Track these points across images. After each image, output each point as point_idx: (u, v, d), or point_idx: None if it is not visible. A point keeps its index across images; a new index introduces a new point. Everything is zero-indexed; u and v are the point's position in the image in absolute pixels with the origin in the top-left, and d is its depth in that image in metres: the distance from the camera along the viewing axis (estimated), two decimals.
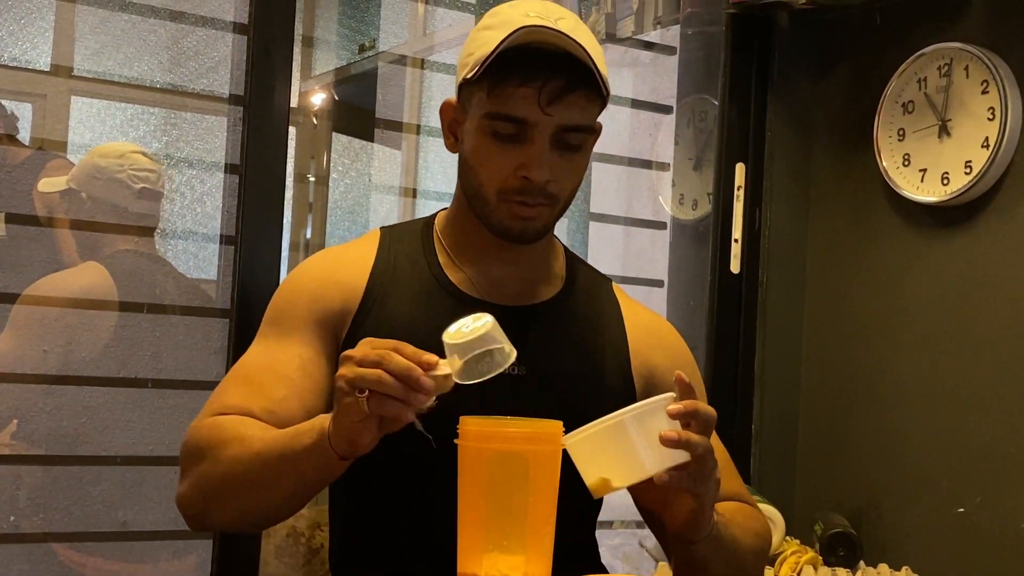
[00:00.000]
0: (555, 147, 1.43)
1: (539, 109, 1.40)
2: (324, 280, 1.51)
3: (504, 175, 1.44)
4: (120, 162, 2.38)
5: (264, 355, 1.48)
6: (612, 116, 3.12)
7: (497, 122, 1.42)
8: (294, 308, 1.50)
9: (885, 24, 2.39)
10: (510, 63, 1.40)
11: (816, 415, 2.51)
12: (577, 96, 1.41)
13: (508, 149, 1.43)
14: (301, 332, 1.48)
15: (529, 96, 1.40)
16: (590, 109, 1.45)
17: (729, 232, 2.53)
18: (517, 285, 1.53)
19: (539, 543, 1.19)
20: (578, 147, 1.45)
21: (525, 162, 1.42)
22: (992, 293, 2.18)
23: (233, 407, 1.43)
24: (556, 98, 1.40)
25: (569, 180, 1.47)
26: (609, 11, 2.91)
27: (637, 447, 1.21)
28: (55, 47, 2.44)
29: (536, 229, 1.47)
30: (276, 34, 2.22)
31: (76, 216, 2.36)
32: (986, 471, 2.16)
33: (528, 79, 1.40)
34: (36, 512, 2.20)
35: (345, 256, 1.56)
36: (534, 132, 1.42)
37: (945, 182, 2.22)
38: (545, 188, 1.43)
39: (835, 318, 2.49)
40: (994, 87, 2.14)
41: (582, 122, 1.44)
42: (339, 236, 4.13)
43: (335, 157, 4.09)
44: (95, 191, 2.36)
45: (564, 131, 1.43)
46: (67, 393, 2.23)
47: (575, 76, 1.40)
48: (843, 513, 2.35)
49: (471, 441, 1.18)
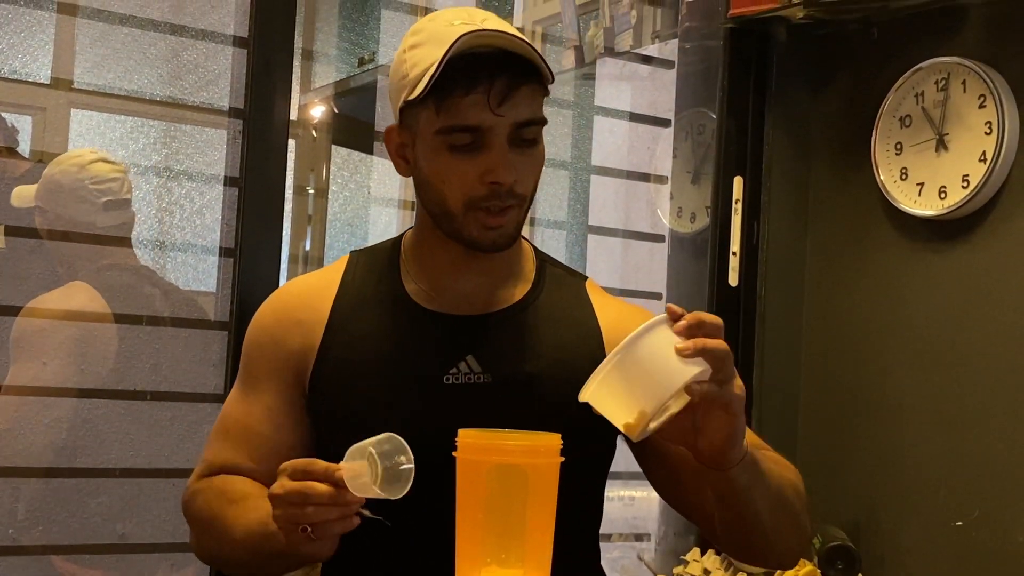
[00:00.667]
0: (513, 146, 1.42)
1: (490, 112, 1.39)
2: (284, 320, 1.54)
3: (469, 186, 1.42)
4: (79, 176, 2.31)
5: (239, 407, 1.54)
6: (611, 129, 3.14)
7: (452, 135, 1.41)
8: (259, 354, 1.54)
9: (882, 38, 2.39)
10: (451, 74, 1.39)
11: (814, 428, 2.51)
12: (524, 91, 1.41)
13: (468, 159, 1.42)
14: (267, 380, 1.52)
15: (478, 102, 1.39)
16: (537, 101, 1.44)
17: (727, 245, 2.53)
18: (483, 294, 1.52)
19: (537, 557, 1.18)
20: (534, 141, 1.45)
21: (489, 167, 1.41)
22: (990, 306, 2.18)
23: (221, 465, 1.51)
24: (505, 97, 1.39)
25: (532, 176, 1.46)
26: (608, 25, 2.92)
27: (654, 370, 1.19)
28: (55, 60, 2.45)
29: (509, 235, 1.46)
30: (276, 47, 2.23)
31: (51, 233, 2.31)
32: (984, 484, 2.16)
33: (473, 86, 1.39)
34: (35, 525, 2.20)
35: (306, 289, 1.57)
36: (491, 136, 1.41)
37: (942, 196, 2.23)
38: (512, 189, 1.43)
39: (833, 331, 2.49)
40: (991, 101, 2.14)
41: (533, 116, 1.43)
42: (338, 248, 4.13)
43: (334, 170, 4.10)
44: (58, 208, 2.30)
45: (518, 128, 1.42)
46: (69, 406, 2.23)
47: (517, 72, 1.40)
48: (842, 526, 2.35)
49: (469, 454, 1.18)
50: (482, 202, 1.43)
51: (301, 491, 1.22)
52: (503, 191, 1.42)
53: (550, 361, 1.49)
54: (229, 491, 1.46)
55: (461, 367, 1.46)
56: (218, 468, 1.51)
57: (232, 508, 1.42)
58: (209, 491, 1.48)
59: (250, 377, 1.54)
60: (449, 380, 1.45)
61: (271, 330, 1.54)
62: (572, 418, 1.29)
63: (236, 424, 1.52)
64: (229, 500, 1.44)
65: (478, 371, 1.46)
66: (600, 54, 2.97)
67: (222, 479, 1.49)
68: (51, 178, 2.31)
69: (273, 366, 1.52)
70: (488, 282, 1.53)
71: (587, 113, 3.22)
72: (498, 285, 1.53)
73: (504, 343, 1.49)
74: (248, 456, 1.50)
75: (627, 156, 3.07)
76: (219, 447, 1.53)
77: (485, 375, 1.45)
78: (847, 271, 2.45)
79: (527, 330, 1.51)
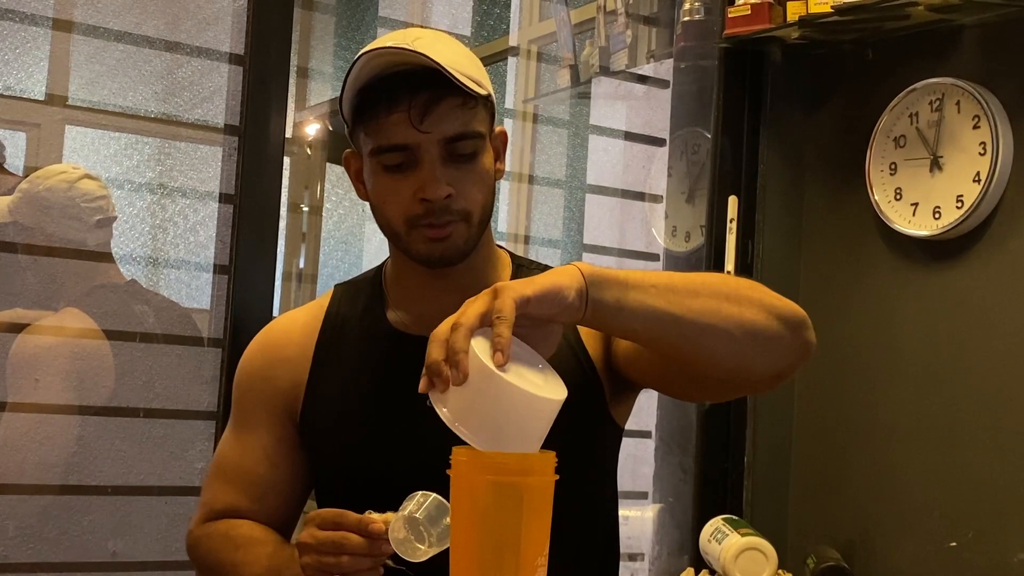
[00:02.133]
0: (448, 161, 1.41)
1: (414, 129, 1.38)
2: (270, 358, 1.55)
3: (405, 204, 1.42)
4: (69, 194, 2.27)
5: (234, 449, 1.55)
6: (606, 148, 3.14)
7: (383, 156, 1.42)
8: (250, 394, 1.56)
9: (877, 59, 2.40)
10: (373, 94, 1.39)
11: (809, 448, 2.51)
12: (447, 105, 1.39)
13: (401, 179, 1.42)
14: (260, 419, 1.53)
15: (401, 120, 1.39)
16: (468, 114, 1.41)
17: (722, 264, 2.53)
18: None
19: (531, 575, 1.18)
20: (471, 155, 1.42)
21: (421, 185, 1.40)
22: (984, 326, 2.18)
23: (221, 509, 1.52)
24: (426, 113, 1.38)
25: (474, 190, 1.43)
26: (603, 44, 2.92)
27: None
28: (50, 76, 2.45)
29: (457, 247, 1.44)
30: (272, 65, 2.23)
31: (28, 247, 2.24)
32: (979, 505, 2.16)
33: (394, 104, 1.39)
34: (26, 542, 2.18)
35: (290, 327, 1.57)
36: (419, 153, 1.40)
37: (937, 216, 2.23)
38: (449, 205, 1.41)
39: (827, 350, 2.48)
40: (985, 122, 2.15)
41: (462, 129, 1.41)
42: (332, 266, 4.13)
43: (329, 187, 4.10)
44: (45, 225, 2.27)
45: (449, 143, 1.40)
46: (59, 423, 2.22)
47: (439, 87, 1.38)
48: (836, 546, 2.35)
49: (463, 472, 1.17)
50: (420, 220, 1.42)
51: (337, 542, 1.25)
52: (437, 207, 1.41)
53: None
54: (234, 536, 1.47)
55: None
56: (219, 512, 1.52)
57: (238, 554, 1.44)
58: (213, 537, 1.49)
59: (242, 417, 1.55)
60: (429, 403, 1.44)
61: (260, 369, 1.55)
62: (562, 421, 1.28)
63: (232, 466, 1.53)
64: (235, 546, 1.45)
65: None
66: (595, 73, 2.98)
67: (226, 523, 1.50)
68: (35, 194, 2.26)
69: (265, 405, 1.53)
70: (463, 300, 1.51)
71: (582, 132, 3.23)
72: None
73: None
74: (247, 497, 1.51)
75: (622, 175, 3.07)
76: (217, 490, 1.53)
77: None
78: (841, 291, 2.45)
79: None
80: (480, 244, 1.49)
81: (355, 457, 1.46)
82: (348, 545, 1.25)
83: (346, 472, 1.47)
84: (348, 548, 1.25)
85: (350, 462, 1.47)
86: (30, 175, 2.31)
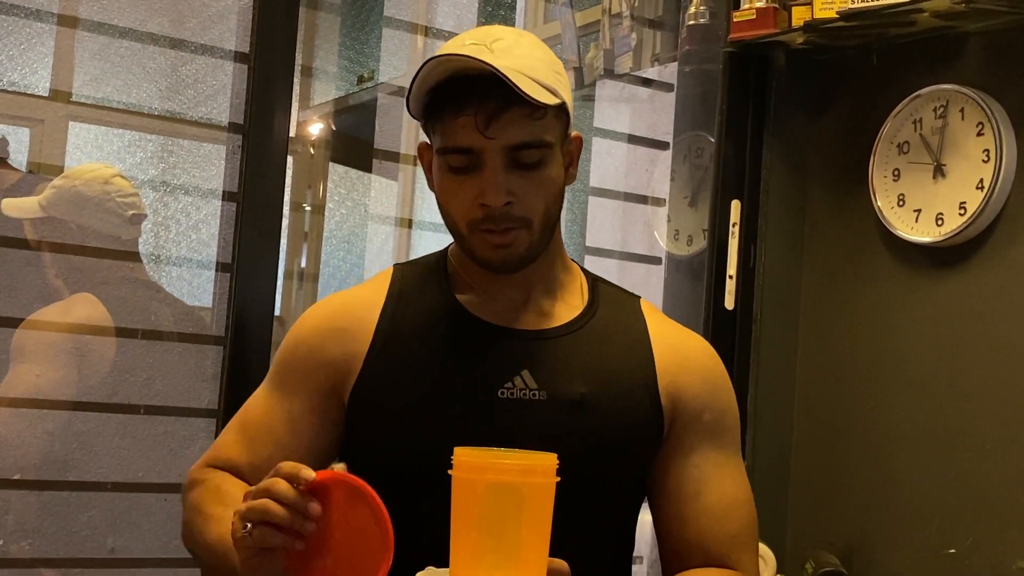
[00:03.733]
0: (512, 168, 1.41)
1: (479, 134, 1.38)
2: (324, 329, 1.52)
3: (467, 207, 1.43)
4: (106, 189, 2.33)
5: (262, 406, 1.52)
6: (609, 151, 3.14)
7: (449, 156, 1.42)
8: (293, 359, 1.52)
9: (882, 65, 2.40)
10: (444, 96, 1.40)
11: (808, 453, 2.51)
12: (514, 114, 1.38)
13: (466, 181, 1.42)
14: (295, 386, 1.50)
15: (468, 124, 1.39)
16: (535, 124, 1.41)
17: (724, 268, 2.53)
18: (533, 310, 1.51)
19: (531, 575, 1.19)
20: (536, 164, 1.42)
21: (482, 190, 1.41)
22: (985, 334, 2.18)
23: (223, 460, 1.50)
24: (492, 120, 1.38)
25: (535, 198, 1.43)
26: (607, 47, 2.93)
27: None
28: (54, 72, 2.45)
29: (519, 255, 1.45)
30: (277, 63, 2.24)
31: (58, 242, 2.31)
32: (978, 512, 2.15)
33: (462, 108, 1.39)
34: (24, 537, 2.19)
35: (351, 300, 1.55)
36: (484, 158, 1.40)
37: (939, 223, 2.23)
38: (509, 212, 1.41)
39: (828, 356, 2.49)
40: (989, 129, 2.15)
41: (528, 138, 1.40)
42: (334, 266, 4.13)
43: (332, 187, 4.10)
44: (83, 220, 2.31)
45: (514, 150, 1.40)
46: (59, 418, 2.22)
47: (508, 94, 1.37)
48: (834, 552, 2.34)
49: (464, 472, 1.17)
50: (480, 224, 1.43)
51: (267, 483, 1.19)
52: (496, 214, 1.41)
53: (602, 383, 1.47)
54: (222, 491, 1.44)
55: (516, 382, 1.44)
56: (223, 461, 1.50)
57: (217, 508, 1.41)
58: (207, 484, 1.47)
59: (279, 379, 1.53)
60: (504, 394, 1.43)
61: (308, 338, 1.52)
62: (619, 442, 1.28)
63: (254, 421, 1.51)
64: (218, 500, 1.43)
65: (533, 387, 1.44)
66: (599, 76, 2.98)
67: (220, 476, 1.47)
68: (70, 190, 2.32)
69: (306, 373, 1.50)
70: (532, 298, 1.52)
71: (586, 135, 3.22)
72: (548, 303, 1.52)
73: (560, 360, 1.47)
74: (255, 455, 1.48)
75: (625, 178, 3.07)
76: (230, 440, 1.52)
77: (540, 392, 1.43)
78: (843, 296, 2.45)
79: (582, 349, 1.49)
80: (548, 249, 1.50)
81: (413, 432, 1.44)
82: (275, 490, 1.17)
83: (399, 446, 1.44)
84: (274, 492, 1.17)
85: (406, 437, 1.44)
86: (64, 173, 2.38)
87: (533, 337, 1.48)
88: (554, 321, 1.51)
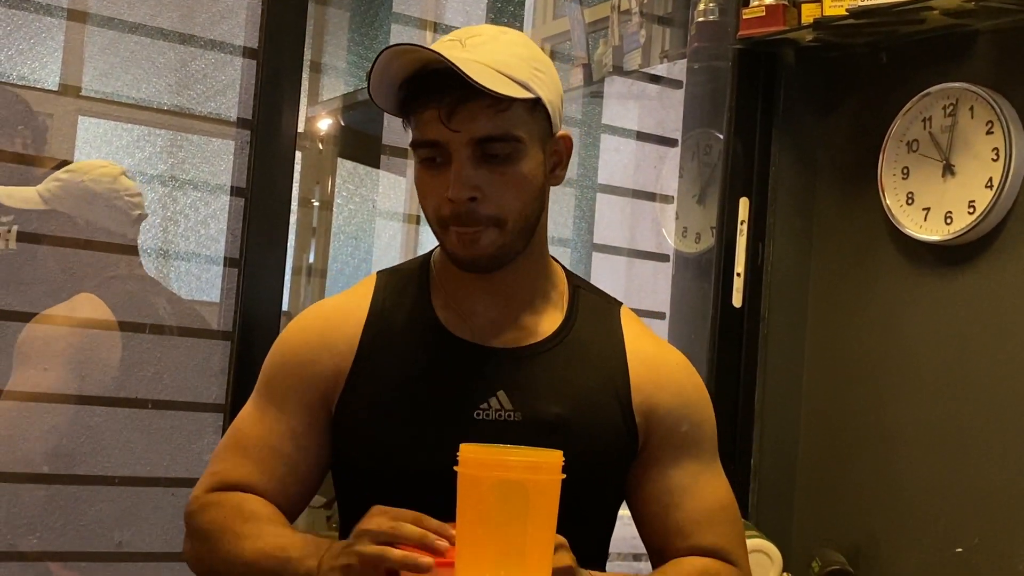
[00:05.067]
0: (481, 162, 1.39)
1: (444, 127, 1.37)
2: (314, 344, 1.50)
3: (437, 202, 1.42)
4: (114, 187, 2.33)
5: (259, 424, 1.49)
6: (617, 148, 3.14)
7: (419, 150, 1.42)
8: (286, 375, 1.51)
9: (891, 63, 2.40)
10: (414, 89, 1.40)
11: (815, 451, 2.51)
12: (477, 105, 1.36)
13: (436, 175, 1.41)
14: (292, 401, 1.49)
15: (434, 117, 1.38)
16: (501, 117, 1.38)
17: (732, 266, 2.53)
18: (512, 323, 1.49)
19: (536, 573, 1.18)
20: (505, 157, 1.39)
21: (448, 184, 1.39)
22: (993, 333, 2.18)
23: (235, 482, 1.47)
24: (454, 111, 1.37)
25: (506, 196, 1.40)
26: (616, 44, 2.92)
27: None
28: (64, 67, 2.45)
29: (488, 254, 1.42)
30: (285, 59, 2.24)
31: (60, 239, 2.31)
32: (985, 511, 2.15)
33: (429, 100, 1.38)
34: (32, 531, 2.19)
35: (337, 312, 1.53)
36: (450, 151, 1.39)
37: (948, 221, 2.23)
38: (475, 210, 1.39)
39: (836, 354, 2.48)
40: (999, 128, 2.15)
41: (494, 131, 1.38)
42: (342, 261, 4.13)
43: (340, 182, 4.10)
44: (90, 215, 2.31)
45: (481, 143, 1.38)
46: (66, 412, 2.23)
47: (470, 86, 1.34)
48: (841, 550, 2.34)
49: (470, 469, 1.17)
50: (449, 220, 1.41)
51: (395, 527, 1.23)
52: (462, 210, 1.39)
53: (577, 402, 1.47)
54: (245, 509, 1.43)
55: (492, 403, 1.44)
56: (232, 484, 1.47)
57: (246, 526, 1.40)
58: (223, 506, 1.44)
59: (273, 396, 1.50)
60: (480, 416, 1.43)
61: (299, 352, 1.51)
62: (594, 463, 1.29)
63: (255, 441, 1.48)
64: (243, 518, 1.41)
65: (509, 408, 1.44)
66: (608, 73, 2.97)
67: (238, 496, 1.45)
68: (77, 184, 2.31)
69: (300, 387, 1.49)
70: (512, 308, 1.50)
71: (594, 131, 3.22)
72: (528, 316, 1.50)
73: (535, 381, 1.46)
74: (266, 475, 1.46)
75: (633, 175, 3.07)
76: (235, 463, 1.48)
77: (515, 413, 1.43)
78: (851, 294, 2.45)
79: (558, 368, 1.48)
80: (526, 253, 1.48)
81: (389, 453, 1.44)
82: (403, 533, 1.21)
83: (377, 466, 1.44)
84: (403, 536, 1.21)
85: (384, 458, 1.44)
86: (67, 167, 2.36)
87: (509, 356, 1.47)
88: (532, 337, 1.49)
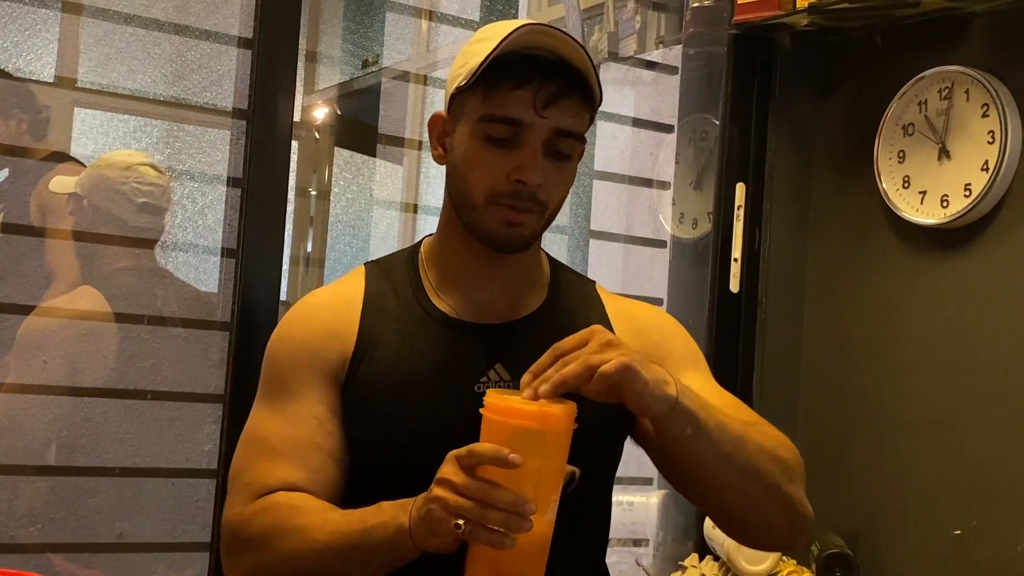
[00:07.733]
0: (547, 154, 1.44)
1: (534, 111, 1.41)
2: (320, 332, 1.50)
3: (495, 179, 1.43)
4: (125, 174, 2.37)
5: (281, 423, 1.47)
6: (613, 135, 3.14)
7: (492, 124, 1.43)
8: (296, 368, 1.50)
9: (886, 47, 2.40)
10: (506, 67, 1.41)
11: (814, 435, 2.51)
12: (571, 101, 1.43)
13: (500, 154, 1.43)
14: (310, 391, 1.48)
15: (525, 98, 1.41)
16: (582, 117, 1.46)
17: (729, 251, 2.53)
18: (504, 302, 1.53)
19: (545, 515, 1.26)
20: (568, 155, 1.46)
21: (519, 165, 1.42)
22: (990, 315, 2.18)
23: (275, 484, 1.44)
24: (551, 101, 1.41)
25: (558, 188, 1.47)
26: (612, 30, 2.92)
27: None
28: (59, 58, 2.45)
29: (523, 237, 1.47)
30: (281, 49, 2.24)
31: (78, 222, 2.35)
32: (983, 493, 2.16)
33: (524, 82, 1.41)
34: (33, 523, 2.20)
35: (335, 301, 1.54)
36: (528, 135, 1.42)
37: (944, 205, 2.23)
38: (536, 194, 1.44)
39: (834, 338, 2.49)
40: (994, 111, 2.15)
41: (574, 128, 1.45)
42: (339, 251, 4.14)
43: (337, 172, 4.10)
44: (98, 200, 2.36)
45: (557, 136, 1.43)
46: (66, 404, 2.23)
47: (570, 81, 1.42)
48: (840, 534, 2.35)
49: (493, 413, 1.26)
50: (504, 198, 1.44)
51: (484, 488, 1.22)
52: (526, 192, 1.43)
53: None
54: (300, 506, 1.40)
55: (491, 375, 1.47)
56: (271, 488, 1.44)
57: (310, 517, 1.38)
58: (273, 509, 1.41)
59: (287, 391, 1.49)
60: (480, 388, 1.45)
61: (305, 342, 1.50)
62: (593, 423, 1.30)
63: (282, 440, 1.46)
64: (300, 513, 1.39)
65: (507, 379, 1.47)
66: (604, 59, 2.97)
67: (285, 495, 1.42)
68: (98, 171, 2.39)
69: (315, 377, 1.48)
70: (505, 289, 1.53)
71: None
72: (518, 293, 1.55)
73: (529, 350, 1.45)
74: (305, 469, 1.44)
75: (630, 161, 3.07)
76: (268, 468, 1.45)
77: (513, 383, 1.45)
78: (848, 278, 2.45)
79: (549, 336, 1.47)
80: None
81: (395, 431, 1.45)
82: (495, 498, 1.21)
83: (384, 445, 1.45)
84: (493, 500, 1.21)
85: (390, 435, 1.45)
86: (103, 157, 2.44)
87: (503, 330, 1.50)
88: (522, 311, 1.54)
